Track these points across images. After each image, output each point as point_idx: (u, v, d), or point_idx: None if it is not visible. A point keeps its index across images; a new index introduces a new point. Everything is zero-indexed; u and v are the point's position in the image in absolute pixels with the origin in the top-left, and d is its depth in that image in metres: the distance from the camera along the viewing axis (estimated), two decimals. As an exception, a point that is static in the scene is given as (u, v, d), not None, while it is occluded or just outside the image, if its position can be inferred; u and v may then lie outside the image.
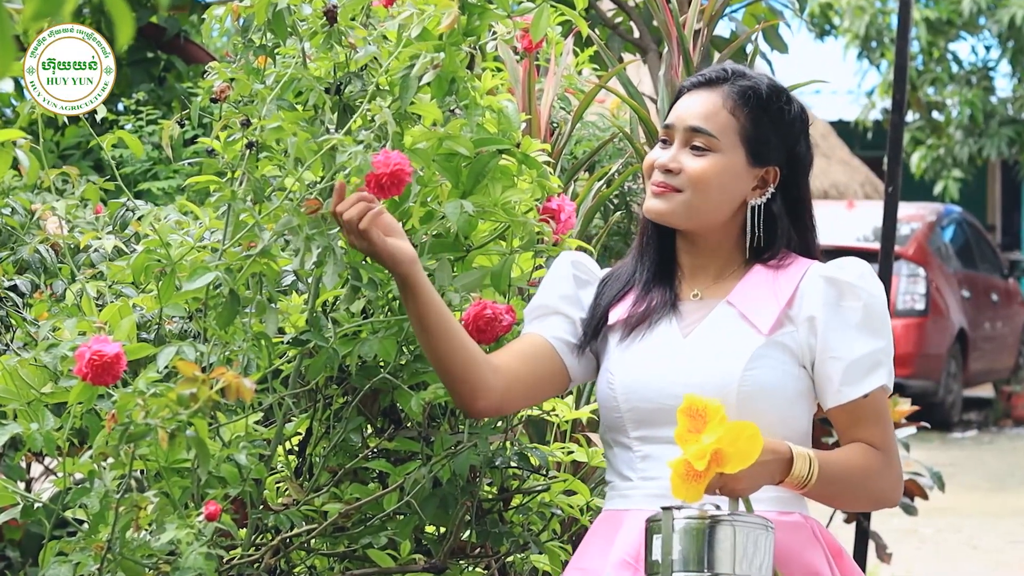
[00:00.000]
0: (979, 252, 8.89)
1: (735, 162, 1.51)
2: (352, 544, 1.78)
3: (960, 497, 5.80)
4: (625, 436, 1.53)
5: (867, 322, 1.49)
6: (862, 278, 1.50)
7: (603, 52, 2.39)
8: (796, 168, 1.54)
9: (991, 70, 11.72)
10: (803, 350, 1.49)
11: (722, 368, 1.48)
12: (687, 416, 1.35)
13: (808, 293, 1.50)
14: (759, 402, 1.47)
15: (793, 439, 1.48)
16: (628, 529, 1.49)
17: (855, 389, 1.48)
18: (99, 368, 1.48)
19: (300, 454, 1.83)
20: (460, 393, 1.54)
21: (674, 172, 1.51)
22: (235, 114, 1.63)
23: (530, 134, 2.09)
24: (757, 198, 1.52)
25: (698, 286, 1.55)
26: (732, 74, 1.53)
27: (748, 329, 1.50)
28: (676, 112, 1.54)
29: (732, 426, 1.34)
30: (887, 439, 1.49)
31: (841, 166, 11.43)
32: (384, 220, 1.50)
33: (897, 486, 1.50)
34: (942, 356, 7.90)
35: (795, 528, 1.48)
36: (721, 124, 1.51)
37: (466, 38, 1.68)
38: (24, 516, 1.62)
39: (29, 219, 1.91)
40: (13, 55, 0.96)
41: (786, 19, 3.31)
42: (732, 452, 1.33)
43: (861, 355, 1.48)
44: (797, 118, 1.54)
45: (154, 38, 3.91)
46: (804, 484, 1.43)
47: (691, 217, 1.52)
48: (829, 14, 11.55)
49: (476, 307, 1.61)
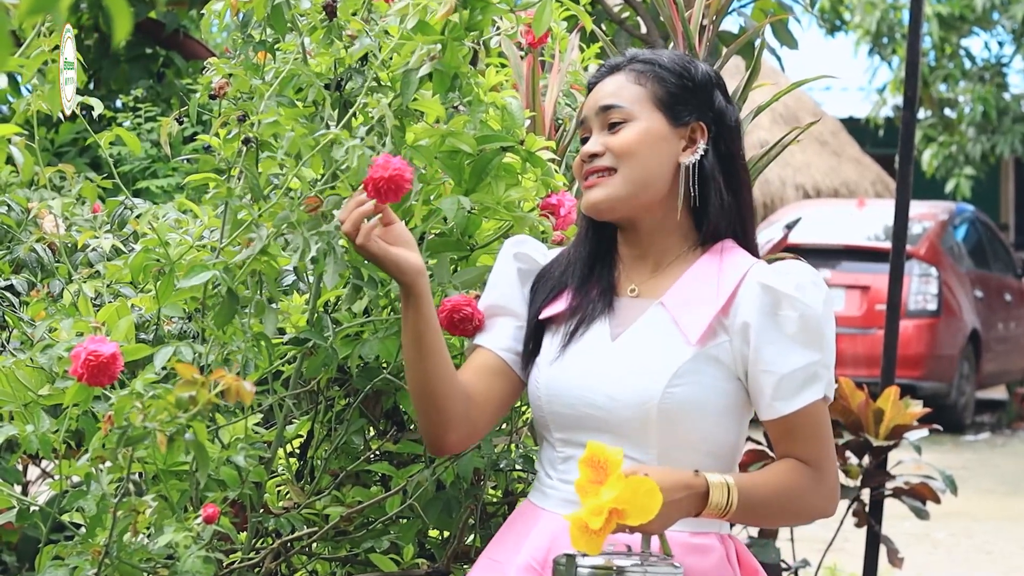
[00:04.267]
0: (992, 251, 8.84)
1: (656, 125, 1.49)
2: (354, 548, 1.76)
3: (973, 501, 5.76)
4: (549, 435, 1.51)
5: (802, 334, 1.43)
6: (799, 288, 1.45)
7: (609, 48, 2.37)
8: (722, 123, 1.51)
9: (1004, 66, 11.66)
10: (736, 361, 1.45)
11: (644, 382, 1.44)
12: (589, 467, 1.32)
13: (744, 301, 1.46)
14: (681, 419, 1.43)
15: (718, 454, 1.45)
16: (540, 531, 1.47)
17: (787, 404, 1.43)
18: (95, 368, 1.46)
19: (301, 457, 1.81)
20: (434, 423, 1.49)
21: (600, 155, 1.49)
22: (234, 111, 1.61)
23: (534, 131, 2.07)
24: (689, 155, 1.49)
25: (636, 280, 1.51)
26: (631, 58, 1.54)
27: (677, 337, 1.45)
28: (586, 105, 1.53)
29: (630, 483, 1.31)
30: (821, 453, 1.45)
31: (852, 164, 11.38)
32: (394, 230, 1.47)
33: (830, 499, 1.46)
34: (954, 357, 7.86)
35: (704, 551, 1.45)
36: (630, 95, 1.50)
37: (469, 33, 1.66)
38: (20, 520, 1.61)
39: (25, 217, 1.90)
40: (10, 50, 0.94)
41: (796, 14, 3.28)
42: (630, 509, 1.30)
43: (794, 369, 1.43)
44: (706, 76, 1.53)
45: (152, 34, 3.90)
46: (724, 513, 1.40)
47: (632, 195, 1.48)
48: (840, 9, 11.52)
49: (459, 299, 1.57)
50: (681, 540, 1.42)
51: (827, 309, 1.46)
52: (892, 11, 11.27)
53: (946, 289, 7.81)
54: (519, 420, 1.80)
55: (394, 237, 1.47)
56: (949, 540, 5.22)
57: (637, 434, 1.43)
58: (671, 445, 1.44)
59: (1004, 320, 8.65)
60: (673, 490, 1.35)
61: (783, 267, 1.47)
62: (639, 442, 1.44)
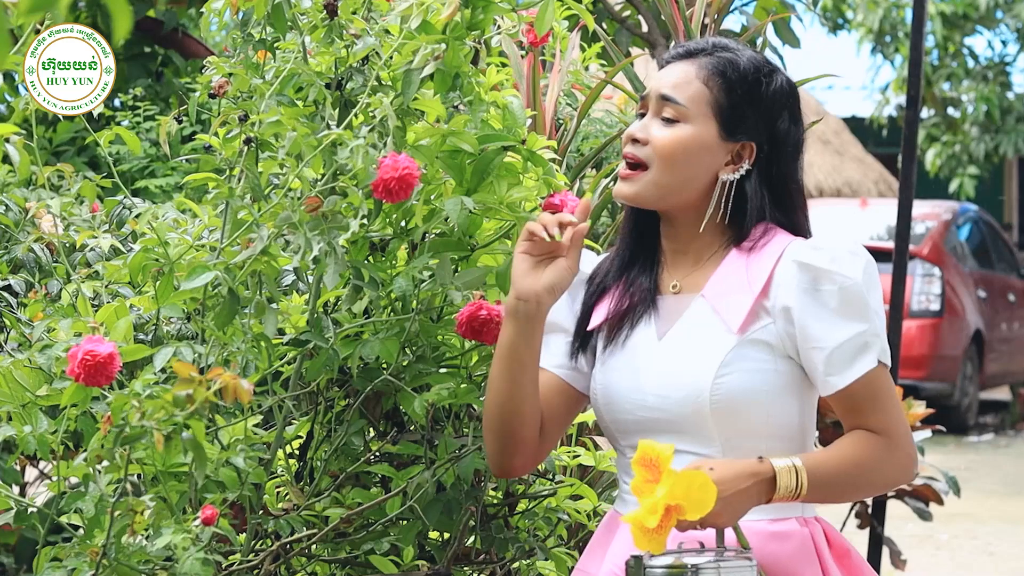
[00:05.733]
0: (995, 251, 8.82)
1: (705, 134, 1.46)
2: (354, 550, 1.76)
3: (976, 502, 5.74)
4: (616, 442, 1.51)
5: (844, 307, 1.42)
6: (835, 260, 1.42)
7: (610, 47, 2.36)
8: (778, 146, 1.48)
9: (1008, 65, 11.64)
10: (784, 341, 1.44)
11: (692, 377, 1.43)
12: (642, 466, 1.31)
13: (782, 281, 1.44)
14: (735, 408, 1.42)
15: (784, 436, 1.44)
16: (620, 538, 1.47)
17: (841, 378, 1.42)
18: (92, 368, 1.46)
19: (301, 458, 1.80)
20: (506, 447, 1.49)
21: (641, 142, 1.47)
22: (234, 110, 1.61)
23: (535, 130, 2.06)
24: (729, 173, 1.47)
25: (678, 275, 1.50)
26: (714, 46, 1.49)
27: (720, 327, 1.45)
28: (652, 81, 1.50)
29: (682, 477, 1.30)
30: (889, 421, 1.43)
31: (854, 163, 11.36)
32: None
33: (907, 467, 1.45)
34: (958, 358, 7.84)
35: (784, 538, 1.44)
36: (692, 94, 1.47)
37: (470, 32, 1.65)
38: (18, 521, 1.60)
39: (23, 217, 1.89)
40: (9, 49, 0.94)
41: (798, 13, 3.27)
42: (686, 504, 1.29)
43: (841, 342, 1.41)
44: (780, 93, 1.49)
45: (151, 32, 3.88)
46: (796, 495, 1.38)
47: (662, 196, 1.47)
48: (842, 8, 11.49)
49: (471, 307, 1.58)
50: (760, 528, 1.41)
51: (868, 277, 1.44)
52: (895, 9, 11.25)
53: (949, 289, 7.80)
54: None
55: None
56: (952, 542, 5.21)
57: (696, 430, 1.43)
58: (732, 435, 1.43)
59: (1008, 320, 8.63)
60: (738, 480, 1.34)
61: (818, 242, 1.46)
62: (700, 437, 1.43)
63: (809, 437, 1.48)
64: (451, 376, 1.71)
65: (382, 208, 1.66)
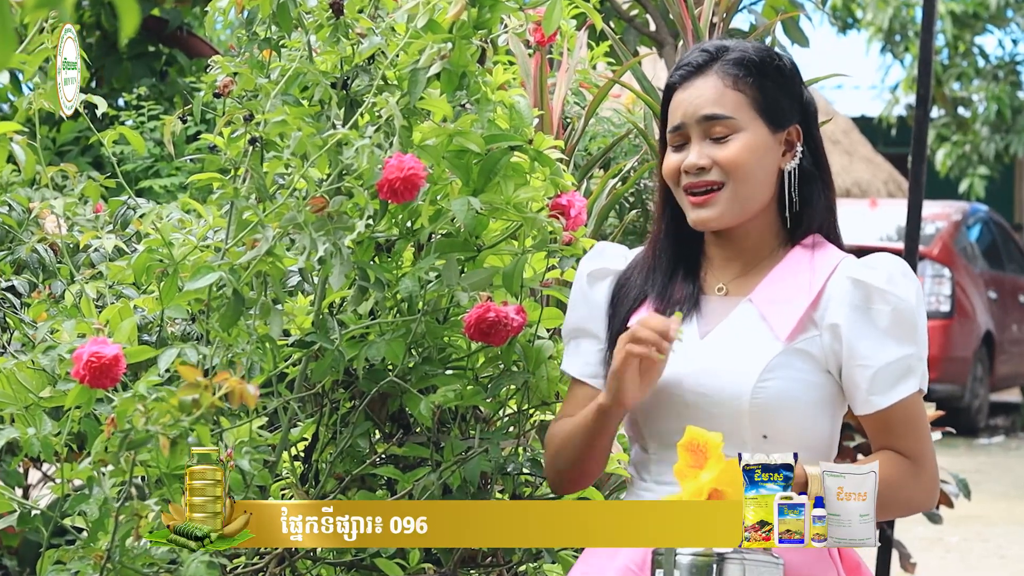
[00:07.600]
0: (1006, 252, 8.78)
1: (759, 135, 1.47)
2: (359, 553, 1.74)
3: (987, 505, 5.71)
4: (641, 437, 1.51)
5: (895, 328, 1.44)
6: (891, 281, 1.45)
7: (618, 46, 2.34)
8: (808, 117, 1.51)
9: (1019, 64, 11.59)
10: (827, 356, 1.45)
11: (735, 378, 1.44)
12: (688, 451, 1.33)
13: (834, 295, 1.46)
14: (773, 413, 1.43)
15: (813, 447, 1.45)
16: None
17: (883, 399, 1.44)
18: (97, 370, 1.45)
19: (306, 460, 1.79)
20: (574, 482, 1.54)
21: (706, 168, 1.47)
22: (239, 109, 1.60)
23: (543, 130, 2.04)
24: (790, 162, 1.49)
25: (725, 279, 1.51)
26: (716, 51, 1.50)
27: (767, 333, 1.45)
28: (680, 110, 1.49)
29: (730, 465, 1.32)
30: (920, 447, 1.45)
31: (864, 163, 11.33)
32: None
33: (930, 493, 1.47)
34: (968, 359, 7.80)
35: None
36: (733, 103, 1.47)
37: (477, 31, 1.64)
38: (21, 523, 1.60)
39: (27, 217, 1.88)
40: (14, 47, 0.93)
41: (807, 12, 3.25)
42: (730, 491, 1.31)
43: (888, 362, 1.43)
44: (792, 68, 1.51)
45: (156, 31, 3.87)
46: None
47: (743, 209, 1.48)
48: (852, 7, 11.45)
49: (479, 309, 1.57)
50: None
51: (919, 301, 1.46)
52: (905, 8, 11.21)
53: (959, 290, 7.76)
54: (527, 423, 1.78)
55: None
56: (962, 544, 5.18)
57: (729, 430, 1.43)
58: (764, 439, 1.44)
59: (1018, 322, 8.59)
60: None
61: (873, 260, 1.47)
62: (732, 437, 1.43)
63: (833, 453, 1.49)
64: (457, 378, 1.70)
65: (388, 208, 1.65)
